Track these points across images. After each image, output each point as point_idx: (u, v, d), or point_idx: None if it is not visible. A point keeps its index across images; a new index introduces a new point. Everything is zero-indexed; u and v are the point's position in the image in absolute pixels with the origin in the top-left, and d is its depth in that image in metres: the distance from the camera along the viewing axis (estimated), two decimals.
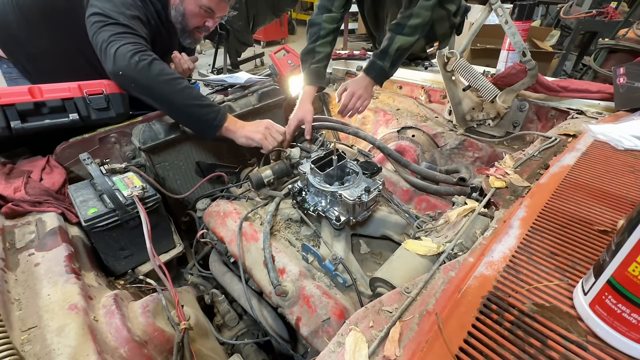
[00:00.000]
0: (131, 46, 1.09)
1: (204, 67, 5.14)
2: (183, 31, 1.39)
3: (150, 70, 1.10)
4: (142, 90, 1.14)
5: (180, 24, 1.36)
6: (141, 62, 1.09)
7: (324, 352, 0.51)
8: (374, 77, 1.36)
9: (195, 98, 1.18)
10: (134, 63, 1.08)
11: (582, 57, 3.69)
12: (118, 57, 1.08)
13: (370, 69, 1.36)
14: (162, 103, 1.18)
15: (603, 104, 1.31)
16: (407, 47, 1.32)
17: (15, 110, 1.10)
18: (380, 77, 1.37)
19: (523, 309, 0.50)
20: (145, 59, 1.10)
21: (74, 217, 1.04)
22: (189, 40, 1.44)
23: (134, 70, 1.08)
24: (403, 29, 1.29)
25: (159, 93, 1.14)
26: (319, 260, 0.91)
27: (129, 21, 1.15)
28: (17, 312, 0.72)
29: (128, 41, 1.10)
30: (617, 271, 0.43)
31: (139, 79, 1.10)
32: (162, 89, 1.13)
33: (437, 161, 1.66)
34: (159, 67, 1.12)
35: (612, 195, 0.74)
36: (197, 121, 1.22)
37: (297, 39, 7.65)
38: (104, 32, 1.10)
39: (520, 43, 1.30)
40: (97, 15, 1.12)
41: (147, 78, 1.11)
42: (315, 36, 1.46)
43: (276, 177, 1.19)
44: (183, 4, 1.32)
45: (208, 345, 0.98)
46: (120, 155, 1.35)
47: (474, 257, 0.61)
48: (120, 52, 1.08)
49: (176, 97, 1.15)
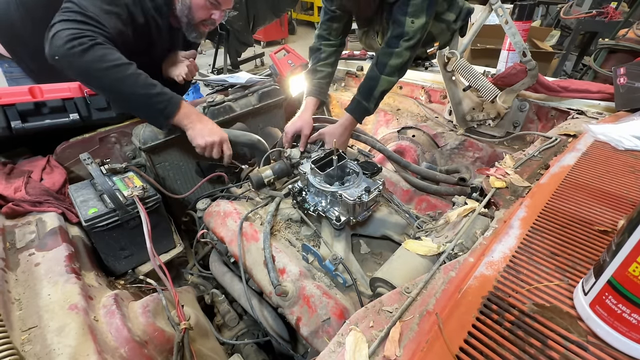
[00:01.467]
0: (72, 31, 1.02)
1: (204, 67, 5.14)
2: (189, 25, 1.37)
3: (87, 55, 1.03)
4: (81, 77, 1.09)
5: (186, 17, 1.35)
6: (79, 46, 1.02)
7: (324, 352, 0.51)
8: (358, 117, 1.39)
9: (143, 86, 1.12)
10: (69, 47, 1.01)
11: (582, 58, 3.69)
12: (54, 40, 1.02)
13: (356, 110, 1.37)
14: (105, 91, 1.13)
15: (603, 104, 1.31)
16: (389, 88, 1.36)
17: (16, 110, 1.10)
18: (364, 116, 1.41)
19: (523, 309, 0.50)
20: (85, 44, 1.02)
21: (74, 217, 1.04)
22: (195, 34, 1.42)
23: (69, 54, 1.01)
24: (385, 69, 1.31)
25: (98, 80, 1.08)
26: (319, 260, 0.91)
27: (99, 14, 1.09)
28: (17, 312, 0.72)
29: (73, 27, 1.03)
30: (617, 271, 0.43)
31: (75, 63, 1.03)
32: (102, 75, 1.06)
33: (437, 161, 1.66)
34: (100, 53, 1.04)
35: (612, 196, 0.74)
36: (145, 111, 1.18)
37: (297, 39, 7.66)
38: (57, 17, 1.05)
39: (521, 43, 1.30)
40: (68, 2, 1.08)
41: (85, 63, 1.03)
42: (317, 59, 1.56)
43: (276, 177, 1.19)
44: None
45: (208, 345, 0.98)
46: (121, 155, 1.35)
47: (474, 257, 0.61)
48: (58, 35, 1.02)
49: (119, 84, 1.08)
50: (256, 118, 1.65)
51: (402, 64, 1.30)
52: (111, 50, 1.08)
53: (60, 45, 1.01)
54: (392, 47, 1.29)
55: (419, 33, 1.26)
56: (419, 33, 1.26)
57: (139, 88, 1.11)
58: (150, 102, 1.13)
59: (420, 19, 1.24)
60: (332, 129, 1.37)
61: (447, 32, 1.65)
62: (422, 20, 1.24)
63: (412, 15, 1.24)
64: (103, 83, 1.09)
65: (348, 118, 1.37)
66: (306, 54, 2.00)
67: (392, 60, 1.29)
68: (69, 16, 1.05)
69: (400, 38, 1.28)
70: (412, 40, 1.27)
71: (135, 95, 1.11)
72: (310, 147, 1.41)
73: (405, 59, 1.30)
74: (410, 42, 1.27)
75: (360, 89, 1.37)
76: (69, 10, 1.06)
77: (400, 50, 1.28)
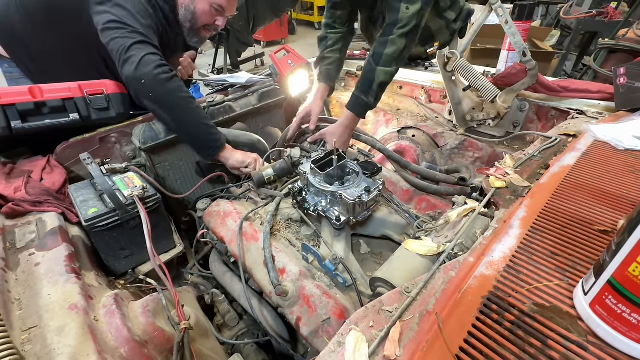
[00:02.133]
0: (155, 57, 1.14)
1: (204, 67, 5.14)
2: (191, 30, 1.39)
3: (171, 84, 1.16)
4: (159, 101, 1.18)
5: (189, 23, 1.36)
6: (164, 74, 1.14)
7: (324, 352, 0.51)
8: (360, 113, 1.37)
9: (205, 118, 1.26)
10: (157, 74, 1.12)
11: (582, 57, 3.69)
12: (142, 65, 1.11)
13: (356, 105, 1.36)
14: (173, 117, 1.22)
15: (603, 104, 1.31)
16: (388, 80, 1.34)
17: (16, 110, 1.10)
18: (366, 111, 1.39)
19: (523, 309, 0.50)
20: (168, 73, 1.15)
21: (75, 217, 1.04)
22: (196, 39, 1.44)
23: (157, 80, 1.13)
24: (380, 59, 1.29)
25: (173, 107, 1.20)
26: (319, 260, 0.91)
27: (146, 31, 1.18)
28: (17, 311, 0.72)
29: (151, 51, 1.14)
30: (617, 271, 0.43)
31: (159, 90, 1.15)
32: (178, 103, 1.19)
33: (437, 161, 1.66)
34: (179, 84, 1.19)
35: (612, 196, 0.74)
36: (202, 140, 1.28)
37: (297, 39, 7.66)
38: (125, 39, 1.12)
39: (521, 43, 1.30)
40: (115, 23, 1.14)
41: (167, 91, 1.16)
42: (324, 47, 1.61)
43: (277, 176, 1.20)
44: (194, 3, 1.33)
45: (208, 345, 0.98)
46: (121, 155, 1.35)
47: (474, 257, 0.61)
48: (145, 60, 1.11)
49: (189, 114, 1.22)
50: (256, 118, 1.65)
51: (397, 53, 1.28)
52: (182, 82, 1.23)
53: (149, 71, 1.12)
54: (386, 35, 1.27)
55: (414, 19, 1.23)
56: (414, 19, 1.23)
57: (202, 119, 1.26)
58: (209, 133, 1.27)
59: (415, 5, 1.22)
60: (332, 129, 1.37)
61: (446, 30, 1.64)
62: (417, 6, 1.22)
63: (407, 2, 1.23)
64: (175, 112, 1.21)
65: (348, 116, 1.36)
66: (306, 54, 2.01)
67: (387, 49, 1.27)
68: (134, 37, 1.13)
69: (394, 25, 1.26)
70: (406, 27, 1.25)
71: (198, 126, 1.25)
72: (310, 147, 1.41)
73: (401, 47, 1.27)
74: (404, 29, 1.25)
75: (359, 84, 1.35)
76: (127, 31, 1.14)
77: (394, 38, 1.26)
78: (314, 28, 8.53)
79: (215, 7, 1.34)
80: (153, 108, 1.22)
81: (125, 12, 1.16)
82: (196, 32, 1.40)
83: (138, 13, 1.18)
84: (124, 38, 1.12)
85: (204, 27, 1.40)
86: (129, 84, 1.17)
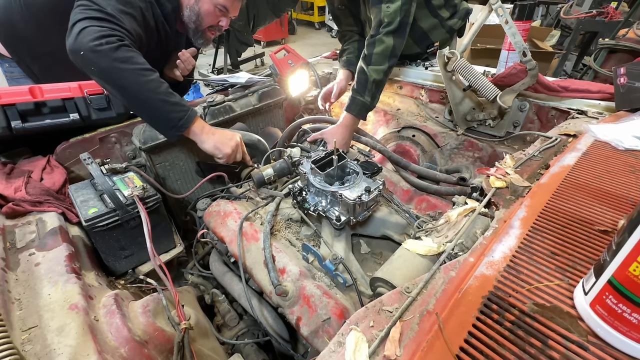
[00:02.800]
0: (100, 29, 1.01)
1: (205, 67, 5.14)
2: (196, 31, 1.39)
3: (114, 55, 1.01)
4: (102, 75, 1.05)
5: (194, 24, 1.36)
6: (106, 45, 1.00)
7: (325, 352, 0.51)
8: (357, 113, 1.37)
9: (163, 93, 1.10)
10: (97, 44, 0.99)
11: (582, 57, 3.69)
12: (82, 36, 0.99)
13: (353, 106, 1.36)
14: (123, 92, 1.09)
15: (603, 104, 1.31)
16: (382, 78, 1.34)
17: (16, 110, 1.10)
18: (364, 111, 1.38)
19: (524, 308, 0.50)
20: (113, 43, 1.01)
21: (75, 217, 1.04)
22: (202, 40, 1.44)
23: (96, 51, 0.99)
24: (371, 59, 1.31)
25: (120, 80, 1.06)
26: (320, 260, 0.91)
27: (117, 13, 1.08)
28: (17, 311, 0.72)
29: (101, 25, 1.02)
30: (617, 271, 0.43)
31: (100, 62, 1.01)
32: (125, 76, 1.05)
33: (437, 161, 1.66)
34: (127, 54, 1.04)
35: (612, 195, 0.74)
36: (160, 118, 1.15)
37: (297, 39, 7.66)
38: (80, 14, 1.03)
39: (521, 43, 1.30)
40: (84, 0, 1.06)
41: (110, 62, 1.01)
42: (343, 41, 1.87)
43: (277, 175, 1.19)
44: (198, 4, 1.33)
45: (208, 345, 0.98)
46: (121, 155, 1.35)
47: (475, 257, 0.61)
48: (86, 31, 1.00)
49: (140, 88, 1.07)
50: (256, 118, 1.66)
51: (387, 51, 1.30)
52: (137, 53, 1.08)
53: (87, 41, 0.99)
54: (373, 35, 1.31)
55: (397, 16, 1.26)
56: (397, 16, 1.26)
57: (159, 95, 1.10)
58: (168, 109, 1.13)
59: (396, 2, 1.25)
60: (332, 129, 1.37)
61: (440, 28, 1.65)
62: (398, 3, 1.25)
63: (386, 1, 1.26)
64: (124, 84, 1.07)
65: (347, 117, 1.37)
66: (306, 54, 2.02)
67: (375, 49, 1.30)
68: (90, 14, 1.03)
69: (379, 25, 1.29)
70: (391, 25, 1.27)
71: (154, 101, 1.10)
72: (310, 147, 1.41)
73: (389, 45, 1.29)
74: (389, 27, 1.28)
75: (354, 86, 1.38)
76: (89, 8, 1.05)
77: (380, 37, 1.29)
78: (314, 28, 8.54)
79: (220, 7, 1.34)
80: (102, 84, 1.11)
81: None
82: (202, 34, 1.41)
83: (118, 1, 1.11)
84: (79, 13, 1.03)
85: (209, 28, 1.41)
86: (72, 59, 1.04)
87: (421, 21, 1.60)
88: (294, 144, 1.48)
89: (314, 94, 2.02)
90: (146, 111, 1.15)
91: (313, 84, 1.99)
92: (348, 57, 1.78)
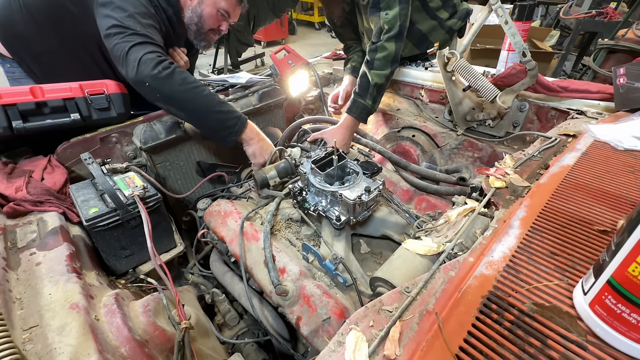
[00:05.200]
0: (152, 55, 1.09)
1: (205, 67, 5.14)
2: (198, 33, 1.40)
3: (172, 79, 1.10)
4: (167, 100, 1.14)
5: (195, 26, 1.37)
6: (164, 71, 1.08)
7: (324, 352, 0.51)
8: (358, 115, 1.39)
9: (217, 104, 1.19)
10: (157, 72, 1.08)
11: (581, 58, 3.69)
12: (142, 67, 1.07)
13: (353, 108, 1.39)
14: (186, 112, 1.18)
15: (603, 104, 1.31)
16: (384, 82, 1.38)
17: (17, 110, 1.10)
18: (364, 114, 1.41)
19: (523, 308, 0.50)
20: (168, 68, 1.10)
21: (75, 217, 1.04)
22: (204, 42, 1.46)
23: (158, 79, 1.08)
24: (373, 64, 1.35)
25: (182, 102, 1.15)
26: (320, 259, 0.92)
27: (146, 31, 1.15)
28: (18, 311, 0.72)
29: (149, 50, 1.10)
30: (617, 271, 0.43)
31: (162, 89, 1.10)
32: (186, 98, 1.13)
33: (437, 161, 1.66)
34: (182, 76, 1.12)
35: (612, 196, 0.74)
36: (219, 129, 1.22)
37: (297, 39, 7.66)
38: (124, 44, 1.09)
39: (520, 43, 1.30)
40: (115, 28, 1.12)
41: (171, 87, 1.10)
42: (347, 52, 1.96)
43: (280, 177, 1.19)
44: (201, 6, 1.34)
45: (209, 344, 0.98)
46: (122, 155, 1.35)
47: (474, 256, 0.62)
48: (143, 61, 1.07)
49: (199, 104, 1.15)
50: (256, 118, 1.66)
51: (390, 56, 1.34)
52: (186, 72, 1.15)
53: (149, 72, 1.07)
54: (375, 42, 1.35)
55: (397, 21, 1.30)
56: (397, 21, 1.30)
57: (215, 106, 1.18)
58: (224, 118, 1.20)
59: (394, 9, 1.29)
60: (333, 130, 1.38)
61: (440, 29, 1.65)
62: (396, 9, 1.29)
63: (385, 8, 1.30)
64: (186, 105, 1.15)
65: (347, 118, 1.39)
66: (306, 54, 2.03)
67: (378, 54, 1.34)
68: (133, 39, 1.09)
69: (380, 32, 1.33)
70: (391, 32, 1.31)
71: (212, 113, 1.18)
72: (311, 147, 1.41)
73: (391, 51, 1.33)
74: (389, 33, 1.32)
75: (356, 89, 1.41)
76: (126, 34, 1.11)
77: (382, 44, 1.32)
78: (314, 28, 8.53)
79: (222, 12, 1.36)
80: (167, 108, 1.19)
81: (125, 14, 1.15)
82: (204, 36, 1.42)
83: (139, 14, 1.17)
84: (123, 42, 1.10)
85: (210, 30, 1.42)
86: (136, 88, 1.13)
87: (420, 24, 1.61)
88: (294, 144, 1.48)
89: (314, 94, 2.03)
90: (207, 123, 1.22)
91: (313, 84, 1.99)
92: (353, 65, 1.86)
